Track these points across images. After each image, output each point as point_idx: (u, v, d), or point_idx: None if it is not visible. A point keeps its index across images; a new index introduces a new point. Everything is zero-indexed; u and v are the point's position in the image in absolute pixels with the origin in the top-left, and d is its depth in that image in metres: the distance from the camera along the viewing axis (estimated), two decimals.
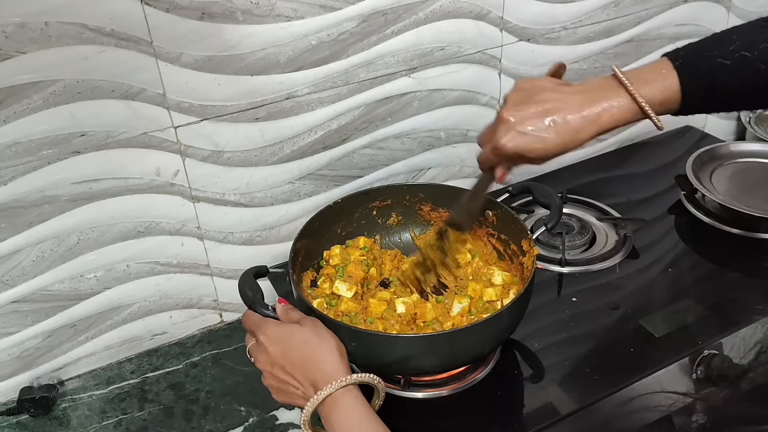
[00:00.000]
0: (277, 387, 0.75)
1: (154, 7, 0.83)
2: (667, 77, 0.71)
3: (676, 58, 0.72)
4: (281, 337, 0.74)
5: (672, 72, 0.71)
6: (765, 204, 1.13)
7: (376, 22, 1.00)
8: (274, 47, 0.93)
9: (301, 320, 0.77)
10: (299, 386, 0.72)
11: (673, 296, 1.00)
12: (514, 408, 0.86)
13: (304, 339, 0.73)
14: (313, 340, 0.73)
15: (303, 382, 0.71)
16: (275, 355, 0.73)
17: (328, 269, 0.96)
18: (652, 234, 1.14)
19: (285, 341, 0.73)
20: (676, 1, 1.30)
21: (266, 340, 0.74)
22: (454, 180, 1.24)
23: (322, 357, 0.72)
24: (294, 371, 0.72)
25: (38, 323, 0.94)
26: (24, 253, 0.89)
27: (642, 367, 0.88)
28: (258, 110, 0.97)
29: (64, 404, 0.95)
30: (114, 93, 0.85)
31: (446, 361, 0.82)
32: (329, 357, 0.72)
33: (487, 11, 1.10)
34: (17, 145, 0.82)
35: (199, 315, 1.07)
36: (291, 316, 0.78)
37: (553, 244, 1.11)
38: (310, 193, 1.08)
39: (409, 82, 1.09)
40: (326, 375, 0.70)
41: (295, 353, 0.72)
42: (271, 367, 0.74)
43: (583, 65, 1.27)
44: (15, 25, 0.76)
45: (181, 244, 1.00)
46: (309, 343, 0.73)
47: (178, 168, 0.94)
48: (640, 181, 1.30)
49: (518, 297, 0.81)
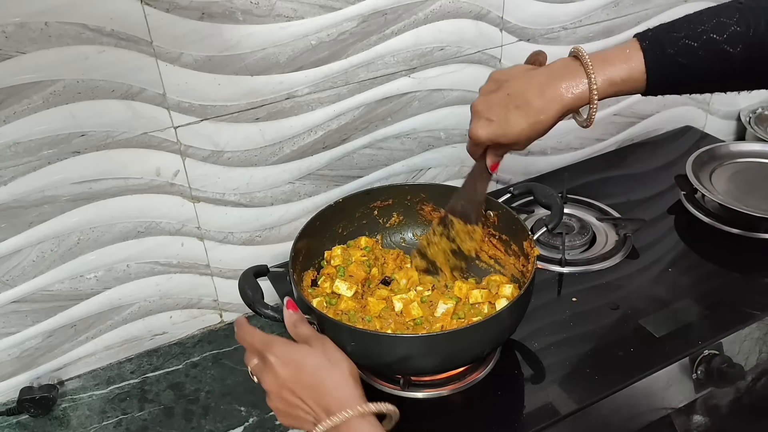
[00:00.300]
0: (284, 411, 0.71)
1: (154, 7, 0.83)
2: (631, 57, 0.72)
3: (644, 39, 0.72)
4: (292, 359, 0.70)
5: (638, 52, 0.72)
6: (765, 204, 1.13)
7: (376, 22, 1.00)
8: (274, 47, 0.93)
9: (310, 339, 0.73)
10: (310, 411, 0.68)
11: (673, 296, 1.00)
12: (514, 408, 0.86)
13: (316, 363, 0.69)
14: (325, 365, 0.69)
15: (314, 408, 0.68)
16: (285, 378, 0.69)
17: (328, 269, 0.96)
18: (652, 234, 1.14)
19: (296, 364, 0.69)
20: (675, 1, 1.30)
21: (276, 362, 0.70)
22: (454, 180, 1.24)
23: (336, 382, 0.68)
24: (305, 396, 0.68)
25: (38, 323, 0.94)
26: (24, 253, 0.89)
27: (642, 367, 0.88)
28: (258, 110, 0.97)
29: (64, 404, 0.95)
30: (114, 93, 0.85)
31: (446, 361, 0.82)
32: (343, 382, 0.68)
33: (486, 11, 1.10)
34: (17, 145, 0.82)
35: (199, 315, 1.07)
36: (300, 332, 0.74)
37: (553, 244, 1.11)
38: (310, 193, 1.09)
39: (409, 82, 1.09)
40: (340, 401, 0.67)
41: (308, 377, 0.69)
42: (280, 389, 0.69)
43: None
44: (15, 25, 0.76)
45: (181, 244, 1.00)
46: (321, 367, 0.69)
47: (178, 168, 0.94)
48: (640, 181, 1.30)
49: (518, 297, 0.81)
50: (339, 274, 0.93)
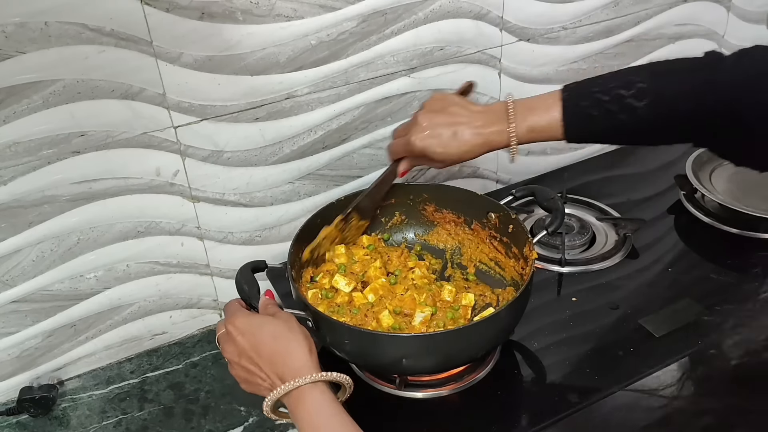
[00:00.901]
0: (244, 378, 0.74)
1: (154, 7, 0.83)
2: (551, 108, 0.80)
3: (566, 90, 0.81)
4: (250, 329, 0.73)
5: (558, 103, 0.80)
6: (765, 204, 1.13)
7: (376, 22, 1.00)
8: (274, 47, 0.93)
9: (276, 313, 0.76)
10: (266, 378, 0.71)
11: (673, 296, 1.00)
12: (514, 408, 0.86)
13: (274, 332, 0.72)
14: (283, 334, 0.72)
15: (270, 375, 0.71)
16: (243, 346, 0.72)
17: (329, 266, 0.96)
18: (652, 234, 1.14)
19: (254, 333, 0.72)
20: (675, 1, 1.30)
21: (234, 330, 0.73)
22: (454, 180, 1.24)
23: (291, 351, 0.71)
24: (261, 363, 0.71)
25: (38, 323, 0.94)
26: (24, 253, 0.89)
27: (642, 367, 0.88)
28: (258, 110, 0.97)
29: (64, 404, 0.95)
30: (114, 93, 0.85)
31: (443, 361, 0.82)
32: (298, 351, 0.71)
33: (486, 11, 1.10)
34: (17, 145, 0.82)
35: (199, 315, 1.07)
36: (268, 309, 0.77)
37: (553, 244, 1.11)
38: (310, 193, 1.09)
39: (409, 82, 1.09)
40: (293, 370, 0.69)
41: (264, 346, 0.71)
42: (239, 357, 0.73)
43: (582, 65, 1.27)
44: (15, 25, 0.76)
45: (181, 244, 1.00)
46: (278, 336, 0.72)
47: (178, 168, 0.95)
48: (640, 181, 1.30)
49: (516, 298, 0.81)
50: (340, 271, 0.93)
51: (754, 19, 1.42)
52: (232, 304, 0.78)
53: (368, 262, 0.96)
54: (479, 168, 1.26)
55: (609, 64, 1.30)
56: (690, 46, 1.37)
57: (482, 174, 1.27)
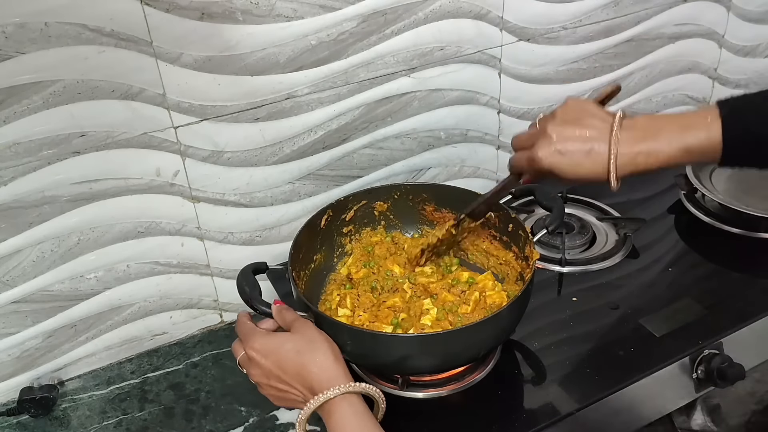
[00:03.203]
0: (277, 396, 0.74)
1: (154, 7, 0.83)
2: (711, 126, 0.68)
3: (725, 106, 0.68)
4: (271, 349, 0.72)
5: (717, 121, 0.67)
6: (765, 203, 1.13)
7: (376, 22, 1.00)
8: (274, 47, 0.93)
9: (293, 323, 0.75)
10: (300, 393, 0.71)
11: (673, 296, 1.00)
12: (514, 408, 0.86)
13: (296, 347, 0.72)
14: (304, 348, 0.72)
15: (303, 390, 0.71)
16: (269, 368, 0.72)
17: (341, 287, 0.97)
18: (652, 233, 1.14)
19: (276, 351, 0.72)
20: (675, 1, 1.30)
21: (256, 354, 0.73)
22: (454, 180, 1.24)
23: (317, 362, 0.71)
24: (290, 380, 0.71)
25: (38, 323, 0.94)
26: (24, 254, 0.89)
27: (642, 367, 0.88)
28: (258, 110, 0.97)
29: (65, 404, 0.95)
30: (114, 93, 0.85)
31: (444, 361, 0.82)
32: (324, 362, 0.71)
33: (486, 11, 1.10)
34: (17, 145, 0.82)
35: (199, 315, 1.07)
36: (284, 317, 0.77)
37: (553, 243, 1.11)
38: (310, 193, 1.09)
39: (409, 82, 1.09)
40: (322, 382, 0.69)
41: (289, 362, 0.71)
42: (267, 379, 0.73)
43: (582, 65, 1.27)
44: (15, 25, 0.76)
45: (181, 244, 1.00)
46: (301, 350, 0.71)
47: (178, 168, 0.95)
48: (640, 180, 1.29)
49: (517, 298, 0.81)
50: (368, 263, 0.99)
51: (754, 19, 1.42)
52: (243, 324, 0.77)
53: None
54: (479, 168, 1.26)
55: (609, 64, 1.30)
56: (690, 45, 1.37)
57: (482, 174, 1.27)
